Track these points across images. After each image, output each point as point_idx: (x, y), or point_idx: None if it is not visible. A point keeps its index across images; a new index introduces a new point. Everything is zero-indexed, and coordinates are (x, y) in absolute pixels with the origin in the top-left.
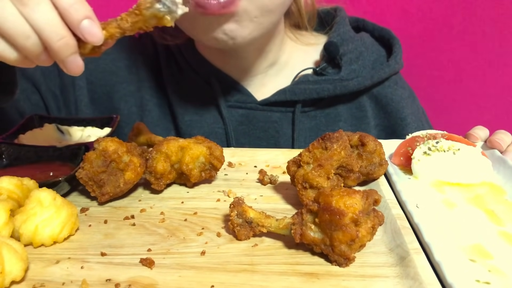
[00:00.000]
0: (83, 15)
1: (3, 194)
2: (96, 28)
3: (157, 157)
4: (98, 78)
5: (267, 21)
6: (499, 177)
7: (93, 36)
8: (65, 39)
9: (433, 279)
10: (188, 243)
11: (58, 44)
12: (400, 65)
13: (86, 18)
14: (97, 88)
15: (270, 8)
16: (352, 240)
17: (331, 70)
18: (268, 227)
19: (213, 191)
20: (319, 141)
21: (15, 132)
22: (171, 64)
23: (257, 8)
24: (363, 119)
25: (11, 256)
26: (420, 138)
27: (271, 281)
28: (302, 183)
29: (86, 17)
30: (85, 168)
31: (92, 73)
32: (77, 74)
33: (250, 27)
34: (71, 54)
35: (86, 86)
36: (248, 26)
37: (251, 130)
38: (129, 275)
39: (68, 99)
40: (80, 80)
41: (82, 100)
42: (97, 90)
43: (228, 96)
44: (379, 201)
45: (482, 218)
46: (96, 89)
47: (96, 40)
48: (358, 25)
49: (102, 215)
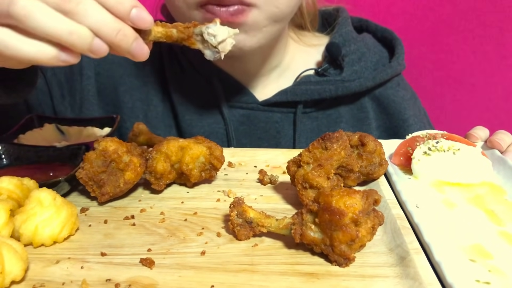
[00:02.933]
0: (129, 5)
1: (3, 194)
2: (144, 13)
3: (157, 157)
4: (106, 69)
5: (275, 29)
6: (499, 177)
7: (143, 22)
8: (122, 31)
9: (433, 279)
10: (188, 243)
11: (118, 38)
12: (402, 66)
13: (133, 7)
14: (104, 79)
15: (279, 17)
16: (352, 240)
17: (333, 71)
18: (268, 227)
19: (213, 191)
20: (319, 141)
21: (15, 132)
22: (174, 63)
23: (267, 18)
24: (365, 120)
25: (11, 256)
26: (420, 138)
27: (271, 281)
28: (302, 183)
29: (133, 6)
30: (85, 168)
31: (100, 64)
32: (145, 59)
33: (258, 36)
34: (133, 41)
35: (94, 76)
36: (256, 35)
37: (252, 131)
38: (129, 275)
39: (74, 88)
40: (88, 70)
41: (90, 90)
42: (103, 81)
43: (230, 96)
44: (379, 201)
45: (482, 218)
46: (103, 80)
47: (147, 25)
48: (361, 25)
49: (102, 215)
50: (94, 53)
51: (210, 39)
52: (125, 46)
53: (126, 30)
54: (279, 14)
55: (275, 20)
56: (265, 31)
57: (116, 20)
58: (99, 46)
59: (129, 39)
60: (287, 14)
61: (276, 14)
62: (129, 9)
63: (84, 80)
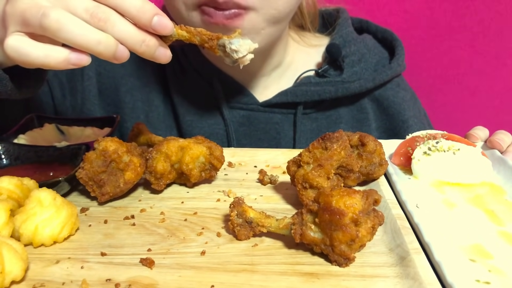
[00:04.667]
0: (151, 14)
1: (3, 194)
2: (166, 20)
3: (157, 157)
4: (107, 69)
5: (274, 30)
6: (499, 177)
7: (165, 29)
8: (146, 42)
9: (433, 279)
10: (188, 243)
11: (142, 48)
12: (402, 67)
13: (155, 15)
14: (105, 80)
15: (278, 19)
16: (352, 240)
17: (333, 72)
18: (268, 227)
19: (213, 191)
20: (319, 141)
21: (15, 132)
22: (175, 64)
23: (265, 20)
24: (365, 121)
25: (11, 256)
26: (420, 138)
27: (271, 281)
28: (302, 183)
29: (154, 14)
30: (85, 168)
31: (101, 64)
32: (167, 62)
33: (257, 39)
34: (156, 49)
35: (95, 76)
36: (254, 38)
37: (252, 132)
38: (129, 275)
39: (75, 88)
40: (89, 70)
41: (91, 90)
42: (105, 81)
43: (230, 97)
44: (379, 201)
45: (482, 218)
46: (104, 80)
47: (168, 31)
48: (361, 26)
49: (102, 215)
50: (118, 60)
51: (232, 53)
52: (148, 54)
53: (149, 41)
54: (277, 15)
55: (274, 22)
56: (264, 34)
57: (139, 31)
58: (122, 53)
59: (152, 48)
60: (286, 15)
61: (275, 16)
62: (151, 18)
63: (85, 80)
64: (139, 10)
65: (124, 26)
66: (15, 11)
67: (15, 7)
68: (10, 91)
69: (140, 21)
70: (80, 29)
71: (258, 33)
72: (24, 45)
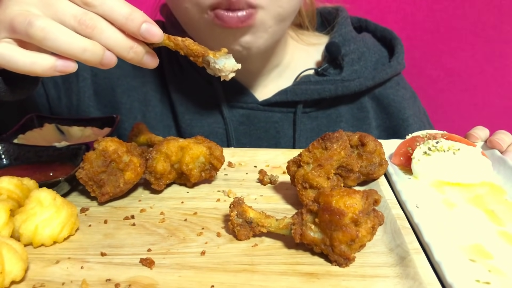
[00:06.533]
0: (139, 22)
1: (3, 194)
2: (155, 28)
3: (157, 157)
4: (103, 70)
5: (280, 29)
6: (499, 177)
7: (154, 36)
8: (134, 48)
9: (433, 279)
10: (188, 243)
11: (130, 55)
12: (402, 65)
13: (143, 22)
14: (101, 81)
15: (284, 17)
16: (352, 240)
17: (333, 70)
18: (268, 227)
19: (213, 191)
20: (319, 141)
21: (15, 132)
22: (173, 64)
23: (272, 18)
24: (365, 120)
25: (11, 256)
26: (420, 138)
27: (271, 281)
28: (302, 183)
29: (143, 22)
30: (85, 168)
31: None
32: (155, 67)
33: (265, 37)
34: (143, 56)
35: (90, 77)
36: (263, 36)
37: (252, 131)
38: (129, 275)
39: (70, 89)
40: (84, 72)
41: (86, 91)
42: (100, 82)
43: (229, 96)
44: (379, 201)
45: (482, 218)
46: (100, 81)
47: (158, 39)
48: (360, 25)
49: (102, 215)
50: (105, 66)
51: (215, 70)
52: (136, 60)
53: (137, 48)
54: (283, 13)
55: (280, 20)
56: (271, 32)
57: (127, 38)
58: (109, 60)
59: (139, 55)
60: (291, 13)
61: (281, 13)
62: (139, 25)
63: (80, 81)
64: (128, 18)
65: (111, 33)
66: (4, 18)
67: (5, 14)
68: (4, 93)
69: (129, 28)
70: (65, 37)
71: (266, 31)
72: (11, 53)
